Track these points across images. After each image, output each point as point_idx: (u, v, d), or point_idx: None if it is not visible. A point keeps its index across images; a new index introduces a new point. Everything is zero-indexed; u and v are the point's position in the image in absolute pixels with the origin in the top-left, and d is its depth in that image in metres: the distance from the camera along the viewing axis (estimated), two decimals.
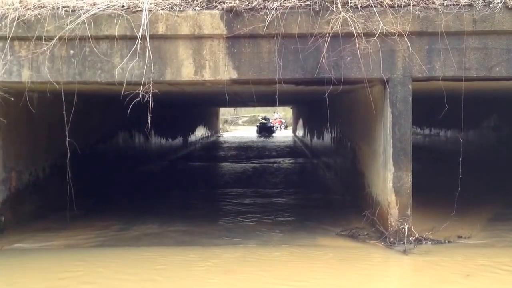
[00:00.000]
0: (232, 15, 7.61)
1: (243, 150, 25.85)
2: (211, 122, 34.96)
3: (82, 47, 7.68)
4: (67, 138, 7.81)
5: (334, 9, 7.53)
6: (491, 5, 7.57)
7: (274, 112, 48.43)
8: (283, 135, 39.70)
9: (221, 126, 44.10)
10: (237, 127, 50.61)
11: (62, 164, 8.08)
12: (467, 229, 8.37)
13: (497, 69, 7.69)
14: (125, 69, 7.64)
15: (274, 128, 42.63)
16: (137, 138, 16.53)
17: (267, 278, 6.53)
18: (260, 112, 48.24)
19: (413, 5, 7.59)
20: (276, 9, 7.55)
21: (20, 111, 8.76)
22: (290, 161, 20.66)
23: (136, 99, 7.43)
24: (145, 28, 7.51)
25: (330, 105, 8.42)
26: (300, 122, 29.68)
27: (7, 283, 6.46)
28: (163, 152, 20.06)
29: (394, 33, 7.53)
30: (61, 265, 7.10)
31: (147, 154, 17.77)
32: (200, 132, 29.87)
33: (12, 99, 7.98)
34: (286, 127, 47.23)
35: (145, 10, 7.54)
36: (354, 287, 6.28)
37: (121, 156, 14.79)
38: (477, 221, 8.90)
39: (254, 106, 33.83)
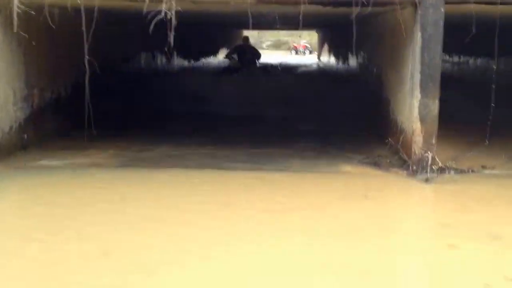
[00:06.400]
0: None
1: (265, 73, 25.23)
2: (234, 45, 34.33)
3: None
4: (85, 56, 7.69)
5: None
6: None
7: (299, 36, 47.28)
8: (305, 61, 38.70)
9: None
10: (261, 51, 49.72)
11: (84, 83, 8.00)
12: (492, 159, 8.21)
13: None
14: None
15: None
16: (159, 60, 16.36)
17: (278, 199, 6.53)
18: (285, 36, 46.73)
19: None
20: None
21: (41, 27, 8.58)
22: (313, 86, 20.28)
23: (158, 17, 7.21)
24: None
25: (357, 29, 8.12)
26: (325, 47, 29.01)
27: (32, 196, 6.61)
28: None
29: None
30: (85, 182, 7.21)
31: (169, 75, 17.63)
32: (223, 55, 29.42)
33: (33, 13, 7.81)
34: (310, 52, 46.14)
35: None
36: (373, 210, 6.26)
37: (142, 77, 14.69)
38: (503, 152, 8.70)
39: (278, 29, 32.93)
